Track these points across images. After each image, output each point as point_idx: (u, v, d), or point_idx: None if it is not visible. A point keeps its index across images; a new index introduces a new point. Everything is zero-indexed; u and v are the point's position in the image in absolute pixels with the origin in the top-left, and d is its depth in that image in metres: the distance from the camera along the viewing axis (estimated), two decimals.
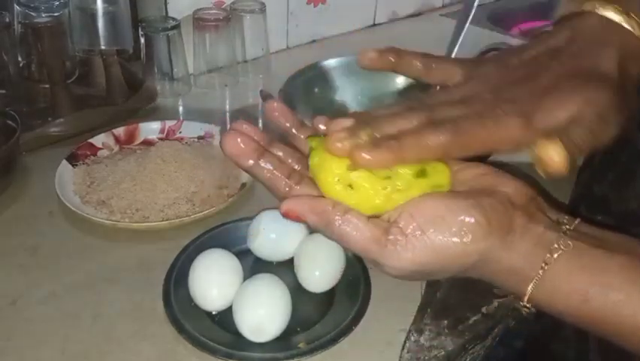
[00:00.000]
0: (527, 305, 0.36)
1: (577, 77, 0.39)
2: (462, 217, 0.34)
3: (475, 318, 0.54)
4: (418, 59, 0.45)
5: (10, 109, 0.76)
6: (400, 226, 0.34)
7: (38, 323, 0.55)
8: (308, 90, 0.82)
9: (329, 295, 0.57)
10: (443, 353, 0.52)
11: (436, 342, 0.53)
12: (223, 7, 0.96)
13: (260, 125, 0.89)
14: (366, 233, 0.34)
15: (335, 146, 0.35)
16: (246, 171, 0.38)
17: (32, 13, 0.79)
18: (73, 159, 0.74)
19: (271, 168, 0.38)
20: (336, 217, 0.35)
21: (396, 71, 0.46)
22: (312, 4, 1.09)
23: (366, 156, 0.34)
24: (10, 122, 0.73)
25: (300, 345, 0.51)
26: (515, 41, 0.91)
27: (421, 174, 0.36)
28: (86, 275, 0.60)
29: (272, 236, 0.59)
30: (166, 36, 0.90)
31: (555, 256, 0.34)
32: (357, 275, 0.58)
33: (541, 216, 0.36)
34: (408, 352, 0.52)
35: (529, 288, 0.35)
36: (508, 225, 0.35)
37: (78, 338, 0.54)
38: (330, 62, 0.85)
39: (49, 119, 0.80)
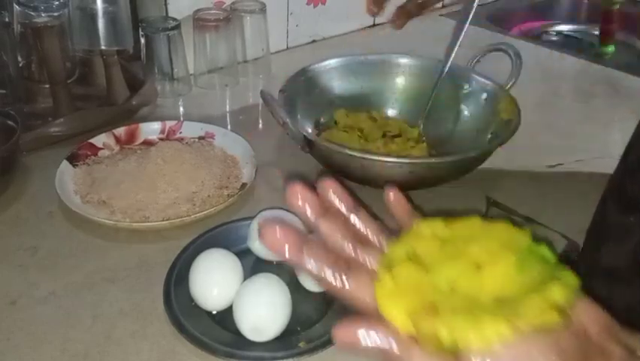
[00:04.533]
0: None
1: None
2: None
3: None
4: None
5: (10, 109, 0.76)
6: None
7: (38, 323, 0.55)
8: (308, 90, 0.82)
9: (329, 295, 0.57)
10: None
11: None
12: (223, 7, 0.96)
13: (260, 125, 0.90)
14: None
15: None
16: (289, 263, 0.34)
17: (32, 13, 0.79)
18: (73, 159, 0.74)
19: (315, 262, 0.33)
20: (399, 354, 0.31)
21: None
22: (312, 4, 1.09)
23: None
24: (10, 122, 0.73)
25: (300, 345, 0.52)
26: (515, 41, 0.92)
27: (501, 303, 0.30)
28: (86, 275, 0.60)
29: None
30: (166, 36, 0.90)
31: None
32: None
33: (614, 346, 0.33)
34: None
35: None
36: None
37: (78, 338, 0.54)
38: (330, 62, 0.85)
39: (49, 119, 0.80)
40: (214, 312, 0.55)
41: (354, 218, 0.36)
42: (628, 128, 0.53)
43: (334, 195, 0.36)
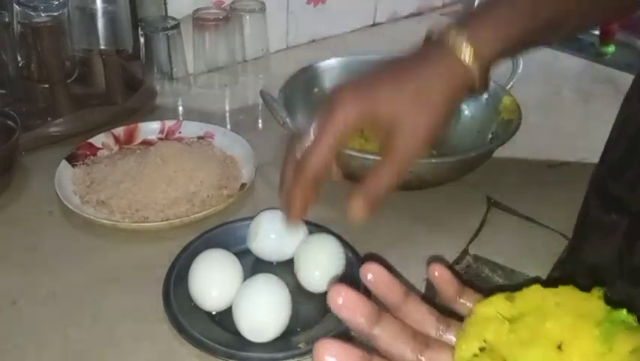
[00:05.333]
0: None
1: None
2: None
3: None
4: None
5: (10, 109, 0.76)
6: None
7: (38, 323, 0.55)
8: (308, 90, 0.82)
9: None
10: None
11: None
12: (223, 6, 0.96)
13: (259, 125, 0.89)
14: None
15: None
16: (363, 335, 0.31)
17: (32, 13, 0.79)
18: (72, 159, 0.74)
19: (392, 335, 0.31)
20: None
21: None
22: (312, 3, 1.09)
23: None
24: (9, 122, 0.73)
25: (300, 345, 0.51)
26: None
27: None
28: (86, 275, 0.60)
29: (272, 236, 0.59)
30: (166, 36, 0.90)
31: None
32: (357, 275, 0.58)
33: None
34: None
35: None
36: None
37: (78, 338, 0.54)
38: (330, 62, 0.85)
39: (49, 119, 0.80)
40: (214, 312, 0.55)
41: (405, 307, 0.33)
42: None
43: (383, 285, 0.33)
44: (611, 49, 1.23)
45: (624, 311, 0.30)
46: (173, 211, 0.67)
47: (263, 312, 0.52)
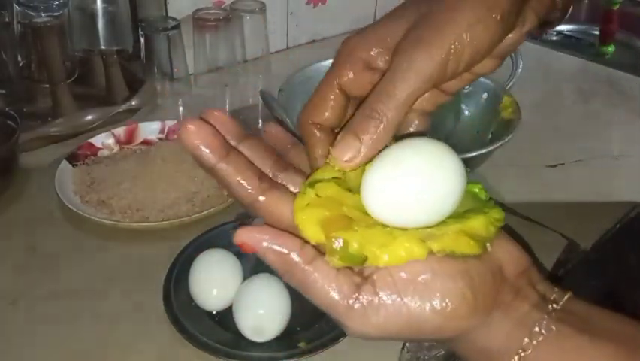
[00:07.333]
0: None
1: None
2: (447, 286, 0.29)
3: None
4: None
5: (10, 109, 0.76)
6: (375, 283, 0.29)
7: (38, 323, 0.55)
8: (308, 90, 0.81)
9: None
10: (443, 352, 0.52)
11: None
12: (223, 7, 0.96)
13: (260, 124, 0.89)
14: (333, 286, 0.29)
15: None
16: (208, 170, 0.33)
17: (32, 13, 0.79)
18: (73, 159, 0.74)
19: (238, 169, 0.32)
20: (300, 262, 0.30)
21: None
22: (312, 4, 1.09)
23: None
24: (10, 122, 0.73)
25: (301, 345, 0.52)
26: None
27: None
28: (86, 275, 0.60)
29: None
30: (166, 36, 0.90)
31: (535, 342, 0.30)
32: None
33: (530, 291, 0.32)
34: (408, 351, 0.52)
35: None
36: (493, 301, 0.30)
37: (78, 338, 0.54)
38: (330, 62, 0.85)
39: (49, 119, 0.81)
40: (214, 312, 0.55)
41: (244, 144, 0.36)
42: (628, 129, 0.53)
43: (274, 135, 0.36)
44: (611, 49, 1.23)
45: (479, 184, 0.33)
46: (174, 211, 0.67)
47: (263, 312, 0.52)
